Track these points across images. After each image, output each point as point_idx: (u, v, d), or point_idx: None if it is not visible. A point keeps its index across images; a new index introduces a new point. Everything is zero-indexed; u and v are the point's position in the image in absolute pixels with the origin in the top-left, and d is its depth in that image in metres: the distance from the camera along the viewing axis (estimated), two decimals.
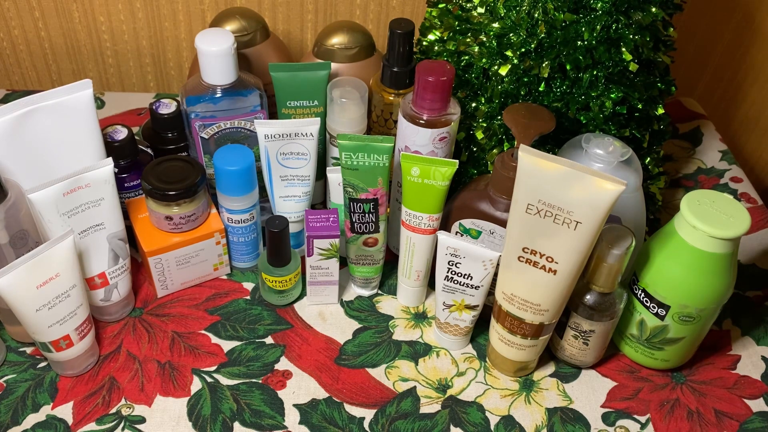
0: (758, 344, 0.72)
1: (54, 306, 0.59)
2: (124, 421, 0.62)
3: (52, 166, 0.64)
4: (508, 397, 0.66)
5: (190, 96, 0.70)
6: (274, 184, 0.71)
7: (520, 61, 0.66)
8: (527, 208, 0.56)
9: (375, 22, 0.95)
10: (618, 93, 0.67)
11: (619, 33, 0.65)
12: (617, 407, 0.66)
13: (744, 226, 0.58)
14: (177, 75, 0.99)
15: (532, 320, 0.61)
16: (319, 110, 0.73)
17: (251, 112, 0.71)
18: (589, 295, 0.62)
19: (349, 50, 0.77)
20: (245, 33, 0.76)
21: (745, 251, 0.81)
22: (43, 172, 0.63)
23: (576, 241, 0.56)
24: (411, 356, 0.69)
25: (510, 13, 0.65)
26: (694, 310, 0.62)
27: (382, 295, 0.74)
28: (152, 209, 0.68)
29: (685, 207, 0.60)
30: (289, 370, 0.67)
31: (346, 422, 0.63)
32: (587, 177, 0.53)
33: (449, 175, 0.63)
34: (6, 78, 0.99)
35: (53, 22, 0.93)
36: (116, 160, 0.67)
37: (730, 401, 0.67)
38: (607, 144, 0.63)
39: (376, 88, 0.72)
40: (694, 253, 0.60)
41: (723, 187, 0.90)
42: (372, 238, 0.69)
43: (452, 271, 0.63)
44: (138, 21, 0.93)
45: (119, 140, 0.70)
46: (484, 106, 0.69)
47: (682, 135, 0.97)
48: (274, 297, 0.71)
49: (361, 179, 0.65)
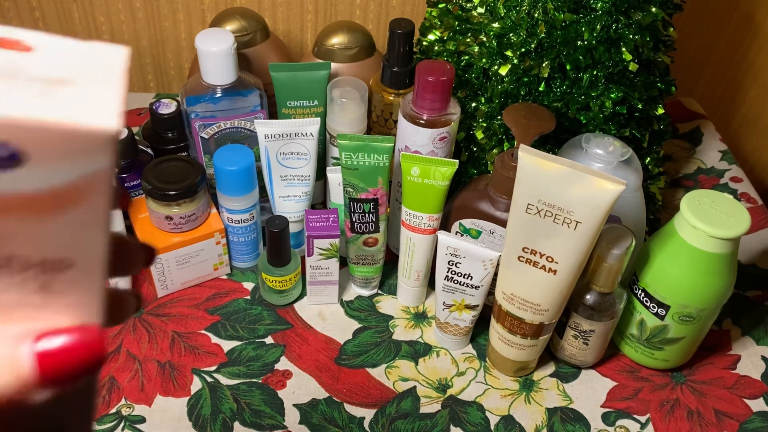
0: (758, 344, 0.72)
1: None
2: (124, 421, 0.62)
3: None
4: (508, 396, 0.66)
5: (190, 96, 0.70)
6: (274, 184, 0.71)
7: (520, 61, 0.66)
8: (527, 208, 0.56)
9: (375, 22, 0.95)
10: (618, 93, 0.67)
11: (619, 33, 0.65)
12: (617, 407, 0.66)
13: (744, 226, 0.58)
14: (177, 75, 0.99)
15: (532, 320, 0.61)
16: (319, 110, 0.73)
17: (251, 112, 0.71)
18: (589, 295, 0.62)
19: (349, 50, 0.77)
20: (245, 33, 0.76)
21: (745, 251, 0.81)
22: None
23: (576, 241, 0.56)
24: (411, 356, 0.69)
25: (510, 13, 0.65)
26: (694, 310, 0.62)
27: (382, 295, 0.74)
28: (152, 209, 0.68)
29: (685, 207, 0.60)
30: (289, 370, 0.67)
31: (346, 422, 0.63)
32: (587, 177, 0.53)
33: (449, 175, 0.63)
34: None
35: (53, 22, 0.93)
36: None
37: (730, 401, 0.67)
38: (607, 144, 0.63)
39: (376, 88, 0.72)
40: (694, 253, 0.60)
41: (723, 187, 0.90)
42: (372, 238, 0.69)
43: (452, 271, 0.63)
44: (138, 21, 0.93)
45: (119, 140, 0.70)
46: (484, 106, 0.69)
47: (682, 135, 0.97)
48: (274, 297, 0.71)
49: (361, 179, 0.65)
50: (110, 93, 0.21)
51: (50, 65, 0.22)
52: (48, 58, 0.22)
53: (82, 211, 0.22)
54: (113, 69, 0.22)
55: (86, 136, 0.20)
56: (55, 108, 0.20)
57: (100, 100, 0.21)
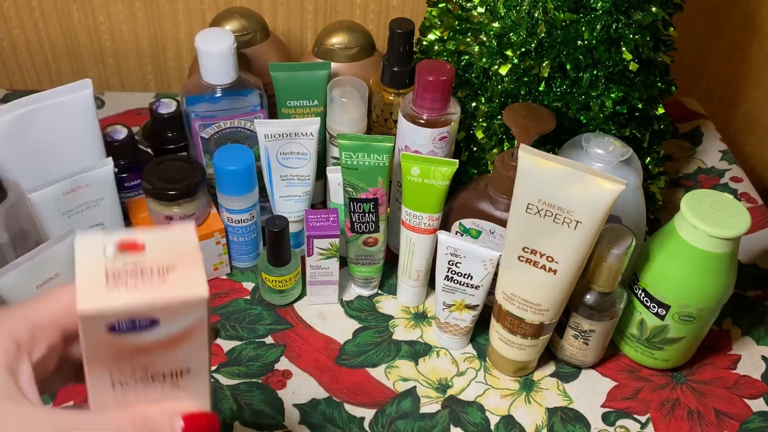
0: (758, 344, 0.72)
1: None
2: None
3: (52, 166, 0.64)
4: (508, 396, 0.66)
5: (190, 96, 0.70)
6: (274, 183, 0.71)
7: (520, 61, 0.66)
8: (527, 208, 0.56)
9: (375, 22, 0.95)
10: (618, 93, 0.67)
11: (619, 33, 0.65)
12: (617, 407, 0.66)
13: (744, 226, 0.58)
14: (177, 75, 0.99)
15: (532, 320, 0.61)
16: (319, 110, 0.73)
17: (251, 111, 0.71)
18: (589, 294, 0.62)
19: (349, 50, 0.77)
20: (245, 33, 0.76)
21: (745, 251, 0.81)
22: (43, 172, 0.63)
23: (576, 241, 0.56)
24: (411, 356, 0.69)
25: (510, 12, 0.65)
26: (694, 310, 0.62)
27: (382, 295, 0.74)
28: (152, 209, 0.68)
29: (685, 207, 0.60)
30: (289, 370, 0.67)
31: (346, 422, 0.63)
32: (587, 177, 0.53)
33: (449, 175, 0.63)
34: (6, 78, 0.99)
35: (53, 22, 0.93)
36: (116, 160, 0.67)
37: (730, 401, 0.67)
38: (607, 144, 0.63)
39: (376, 87, 0.72)
40: (694, 252, 0.60)
41: (723, 186, 0.90)
42: (372, 238, 0.69)
43: (452, 271, 0.63)
44: (138, 21, 0.93)
45: (119, 140, 0.70)
46: (484, 106, 0.69)
47: (682, 135, 0.97)
48: (274, 297, 0.71)
49: (361, 179, 0.65)
50: (197, 268, 0.34)
51: (157, 257, 0.34)
52: (154, 251, 0.35)
53: (192, 342, 0.35)
54: (192, 245, 0.35)
55: (191, 303, 0.34)
56: (171, 289, 0.33)
57: (193, 276, 0.34)
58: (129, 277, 0.34)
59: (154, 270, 0.34)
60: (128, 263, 0.34)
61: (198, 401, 0.38)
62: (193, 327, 0.35)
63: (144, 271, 0.34)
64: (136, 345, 0.34)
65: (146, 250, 0.35)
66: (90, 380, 0.35)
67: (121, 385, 0.35)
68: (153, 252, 0.35)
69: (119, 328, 0.33)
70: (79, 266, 0.34)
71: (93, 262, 0.34)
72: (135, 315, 0.33)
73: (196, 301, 0.34)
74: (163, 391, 0.37)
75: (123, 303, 0.33)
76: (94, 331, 0.33)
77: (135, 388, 0.36)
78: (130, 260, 0.34)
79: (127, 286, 0.33)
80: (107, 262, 0.34)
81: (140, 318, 0.33)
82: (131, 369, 0.35)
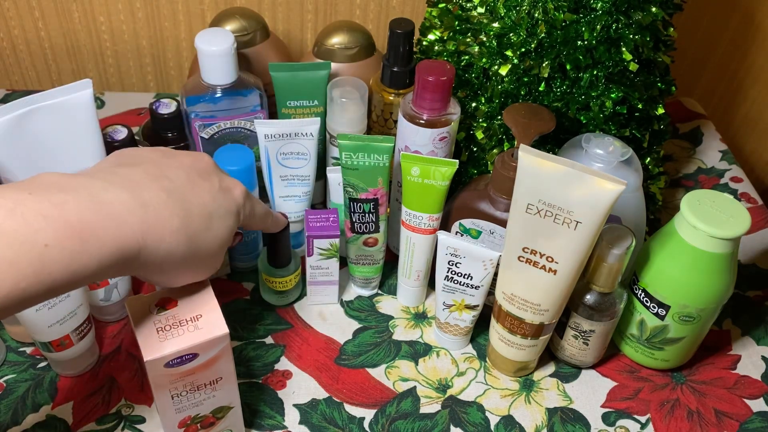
0: (758, 344, 0.72)
1: (54, 306, 0.59)
2: (124, 421, 0.62)
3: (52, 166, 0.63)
4: (508, 397, 0.66)
5: (190, 96, 0.70)
6: (274, 184, 0.71)
7: (520, 61, 0.66)
8: (527, 208, 0.56)
9: (375, 22, 0.95)
10: (618, 93, 0.67)
11: (619, 33, 0.65)
12: (617, 407, 0.66)
13: (744, 226, 0.58)
14: (177, 75, 1.00)
15: (532, 320, 0.61)
16: (319, 110, 0.73)
17: (251, 112, 0.71)
18: (589, 295, 0.62)
19: (349, 50, 0.77)
20: (245, 33, 0.76)
21: (745, 251, 0.81)
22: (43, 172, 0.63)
23: (576, 241, 0.56)
24: (411, 356, 0.69)
25: (510, 12, 0.65)
26: (694, 310, 0.62)
27: (382, 295, 0.74)
28: None
29: (685, 207, 0.60)
30: (289, 370, 0.67)
31: (346, 422, 0.63)
32: (587, 177, 0.53)
33: (449, 175, 0.63)
34: (6, 78, 0.99)
35: (53, 22, 0.93)
36: None
37: (730, 401, 0.67)
38: (607, 144, 0.63)
39: (376, 87, 0.72)
40: (694, 253, 0.60)
41: (723, 187, 0.90)
42: (372, 238, 0.69)
43: (452, 271, 0.63)
44: (138, 21, 0.93)
45: (119, 140, 0.70)
46: (484, 106, 0.69)
47: (682, 135, 0.97)
48: (274, 298, 0.71)
49: (361, 179, 0.65)
50: (217, 313, 0.50)
51: (187, 309, 0.50)
52: (184, 305, 0.50)
53: (221, 360, 0.51)
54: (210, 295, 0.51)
55: (218, 339, 0.49)
56: (202, 333, 0.49)
57: (215, 319, 0.50)
58: (172, 328, 0.49)
59: (187, 320, 0.50)
60: (169, 317, 0.50)
61: (230, 396, 0.55)
62: (221, 352, 0.50)
63: (181, 322, 0.49)
64: (184, 371, 0.50)
65: (179, 305, 0.50)
66: (156, 395, 0.51)
67: (177, 395, 0.51)
68: (183, 306, 0.50)
69: (172, 363, 0.49)
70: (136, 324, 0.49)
71: (145, 319, 0.49)
72: (181, 354, 0.49)
73: (221, 337, 0.50)
74: (205, 394, 0.53)
75: (173, 350, 0.48)
76: (156, 368, 0.48)
77: (186, 395, 0.52)
78: (171, 314, 0.50)
79: (173, 336, 0.49)
80: (155, 318, 0.50)
81: (185, 355, 0.49)
82: (183, 384, 0.51)
